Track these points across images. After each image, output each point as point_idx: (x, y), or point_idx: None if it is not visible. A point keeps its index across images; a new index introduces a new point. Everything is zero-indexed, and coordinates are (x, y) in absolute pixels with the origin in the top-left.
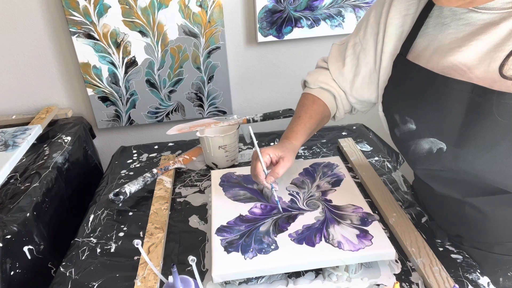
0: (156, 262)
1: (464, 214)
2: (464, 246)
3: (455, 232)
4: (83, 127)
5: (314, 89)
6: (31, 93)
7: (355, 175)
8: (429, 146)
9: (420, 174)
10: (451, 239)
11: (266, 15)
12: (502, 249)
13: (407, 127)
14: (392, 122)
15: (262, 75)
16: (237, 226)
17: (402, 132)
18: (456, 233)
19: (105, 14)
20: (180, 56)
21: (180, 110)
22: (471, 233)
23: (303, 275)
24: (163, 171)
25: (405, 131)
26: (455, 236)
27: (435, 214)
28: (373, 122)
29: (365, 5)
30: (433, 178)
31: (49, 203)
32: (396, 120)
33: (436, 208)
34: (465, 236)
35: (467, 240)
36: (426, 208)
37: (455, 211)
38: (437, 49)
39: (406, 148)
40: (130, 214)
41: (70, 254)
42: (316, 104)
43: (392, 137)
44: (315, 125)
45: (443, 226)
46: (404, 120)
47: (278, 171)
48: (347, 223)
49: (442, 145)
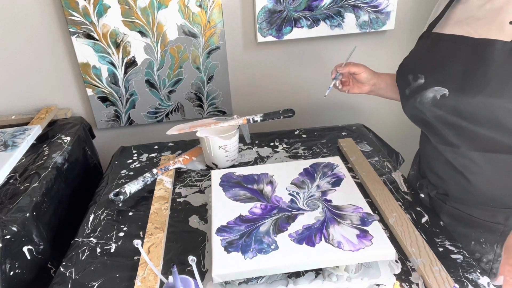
0: (156, 262)
1: (456, 169)
2: (447, 206)
3: (442, 190)
4: (82, 127)
5: None
6: (30, 93)
7: (355, 175)
8: (433, 94)
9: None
10: (437, 195)
11: (266, 15)
12: (481, 213)
13: (417, 83)
14: (405, 83)
15: (262, 75)
16: (237, 226)
17: (412, 89)
18: (444, 191)
19: (105, 14)
20: (180, 56)
21: (179, 110)
22: (457, 190)
23: (303, 275)
24: (163, 171)
25: (414, 87)
26: (442, 194)
27: (430, 171)
28: (373, 122)
29: (364, 5)
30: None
31: (49, 203)
32: (409, 80)
33: (431, 164)
34: (450, 194)
35: (452, 198)
36: (423, 165)
37: (448, 166)
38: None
39: (413, 102)
40: (130, 214)
41: (70, 254)
42: None
43: (402, 101)
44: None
45: (433, 182)
46: (416, 77)
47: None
48: (347, 223)
49: (445, 91)
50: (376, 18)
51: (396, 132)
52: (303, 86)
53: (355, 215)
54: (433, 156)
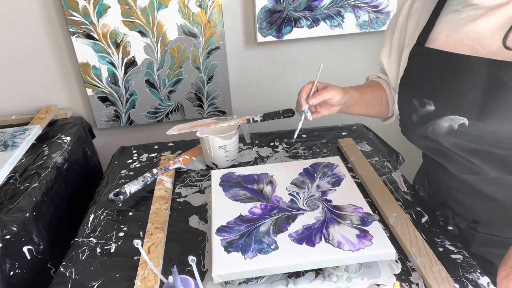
0: (156, 262)
1: (485, 196)
2: (479, 234)
3: (472, 218)
4: (82, 127)
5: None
6: (30, 93)
7: (355, 175)
8: (448, 124)
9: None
10: (468, 225)
11: (266, 15)
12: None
13: (426, 110)
14: (410, 109)
15: (262, 75)
16: (237, 226)
17: (420, 116)
18: (473, 219)
19: (105, 14)
20: (180, 56)
21: (179, 110)
22: (489, 216)
23: (303, 275)
24: (163, 171)
25: (423, 114)
26: (472, 222)
27: (453, 201)
28: (373, 122)
29: (364, 5)
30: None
31: (49, 203)
32: (415, 105)
33: (454, 195)
34: (481, 221)
35: (483, 225)
36: (442, 197)
37: (476, 194)
38: (452, 33)
39: (424, 131)
40: (130, 214)
41: (70, 254)
42: (370, 82)
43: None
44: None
45: (460, 212)
46: (423, 104)
47: (321, 92)
48: (347, 223)
49: (463, 120)
50: (376, 18)
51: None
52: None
53: (355, 215)
54: (455, 187)
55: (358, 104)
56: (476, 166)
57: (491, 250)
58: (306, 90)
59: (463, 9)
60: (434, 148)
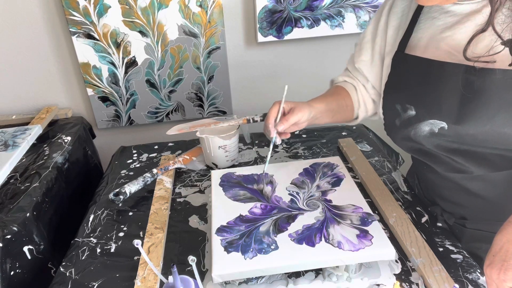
0: (156, 262)
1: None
2: (468, 229)
3: (459, 215)
4: (83, 127)
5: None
6: (31, 93)
7: (355, 175)
8: (429, 128)
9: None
10: (456, 221)
11: (266, 15)
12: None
13: (408, 114)
14: (394, 113)
15: (262, 75)
16: (237, 226)
17: (402, 120)
18: (461, 215)
19: (105, 14)
20: (180, 56)
21: (180, 110)
22: (476, 212)
23: (303, 275)
24: (163, 171)
25: (405, 119)
26: (461, 218)
27: (440, 199)
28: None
29: (365, 5)
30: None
31: (49, 203)
32: (397, 110)
33: (441, 192)
34: (469, 217)
35: (471, 221)
36: (430, 195)
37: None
38: (430, 40)
39: (406, 134)
40: (130, 214)
41: (70, 254)
42: (335, 88)
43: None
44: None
45: (448, 209)
46: (405, 108)
47: (288, 117)
48: (347, 223)
49: (443, 124)
50: None
51: None
52: (303, 86)
53: (355, 215)
54: (442, 185)
55: (324, 115)
56: (461, 165)
57: (480, 245)
58: (273, 114)
59: (440, 16)
60: (418, 149)
